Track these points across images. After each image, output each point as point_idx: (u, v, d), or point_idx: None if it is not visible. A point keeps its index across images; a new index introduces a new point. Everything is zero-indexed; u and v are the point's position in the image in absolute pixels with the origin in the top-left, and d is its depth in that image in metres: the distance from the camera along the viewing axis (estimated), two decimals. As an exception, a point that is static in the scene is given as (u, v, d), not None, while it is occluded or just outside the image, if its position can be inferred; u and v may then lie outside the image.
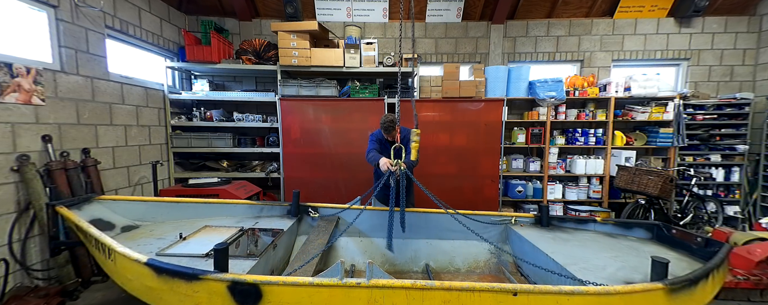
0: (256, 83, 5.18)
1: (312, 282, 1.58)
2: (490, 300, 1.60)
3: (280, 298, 1.60)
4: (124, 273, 1.85)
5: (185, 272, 1.63)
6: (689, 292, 1.75)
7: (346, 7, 5.02)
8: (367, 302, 1.61)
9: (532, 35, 5.19)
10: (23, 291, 2.51)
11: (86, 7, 3.17)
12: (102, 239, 1.92)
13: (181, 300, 1.67)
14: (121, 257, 1.80)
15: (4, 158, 2.53)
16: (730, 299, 2.79)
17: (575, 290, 1.61)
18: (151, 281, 1.70)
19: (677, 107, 4.63)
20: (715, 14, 5.05)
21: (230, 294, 1.60)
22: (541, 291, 1.60)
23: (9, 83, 2.55)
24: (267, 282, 1.59)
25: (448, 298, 1.60)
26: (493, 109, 4.44)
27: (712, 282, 1.89)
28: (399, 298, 1.60)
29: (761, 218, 4.34)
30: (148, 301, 1.81)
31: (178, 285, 1.64)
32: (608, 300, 1.62)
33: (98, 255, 2.04)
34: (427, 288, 1.58)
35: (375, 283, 1.60)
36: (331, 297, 1.60)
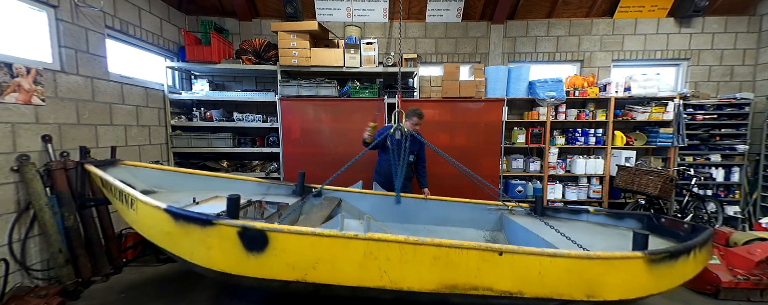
0: (256, 83, 5.18)
1: (314, 232, 1.71)
2: (477, 258, 1.73)
3: (284, 245, 1.73)
4: (145, 221, 2.02)
5: (200, 218, 1.76)
6: (669, 265, 1.84)
7: (346, 7, 5.02)
8: (364, 254, 1.73)
9: (532, 35, 5.19)
10: (23, 291, 2.50)
11: (86, 7, 3.17)
12: (125, 190, 2.07)
13: (195, 244, 1.81)
14: (143, 205, 1.96)
15: (4, 158, 2.53)
16: (730, 299, 2.79)
17: (557, 253, 1.73)
18: (169, 226, 1.85)
19: (677, 107, 4.63)
20: (715, 14, 5.05)
21: (240, 239, 1.73)
22: (525, 252, 1.73)
23: (9, 82, 2.55)
24: (273, 229, 1.72)
25: (437, 254, 1.73)
26: (493, 109, 4.44)
27: (694, 260, 1.96)
28: (393, 251, 1.73)
29: (761, 218, 4.34)
30: (165, 246, 1.97)
31: (193, 230, 1.78)
32: (589, 264, 1.74)
33: (121, 206, 2.22)
34: (419, 243, 1.72)
35: (371, 236, 1.72)
36: (331, 246, 1.73)
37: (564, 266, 1.73)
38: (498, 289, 1.76)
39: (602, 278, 1.75)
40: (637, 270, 1.77)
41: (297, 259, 1.74)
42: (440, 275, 1.75)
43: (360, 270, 1.75)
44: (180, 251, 1.90)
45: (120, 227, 3.48)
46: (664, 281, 1.86)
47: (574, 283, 1.75)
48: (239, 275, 1.79)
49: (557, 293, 1.76)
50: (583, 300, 1.78)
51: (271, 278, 1.78)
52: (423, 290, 1.77)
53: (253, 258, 1.74)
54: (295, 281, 1.77)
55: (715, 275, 2.81)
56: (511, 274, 1.74)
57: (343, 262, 1.75)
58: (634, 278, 1.79)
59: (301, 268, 1.75)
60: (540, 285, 1.75)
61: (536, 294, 1.77)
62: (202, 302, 2.73)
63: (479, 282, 1.75)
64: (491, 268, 1.74)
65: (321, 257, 1.74)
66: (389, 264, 1.73)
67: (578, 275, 1.74)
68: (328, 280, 1.77)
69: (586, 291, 1.76)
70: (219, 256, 1.79)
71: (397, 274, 1.75)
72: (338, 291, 1.85)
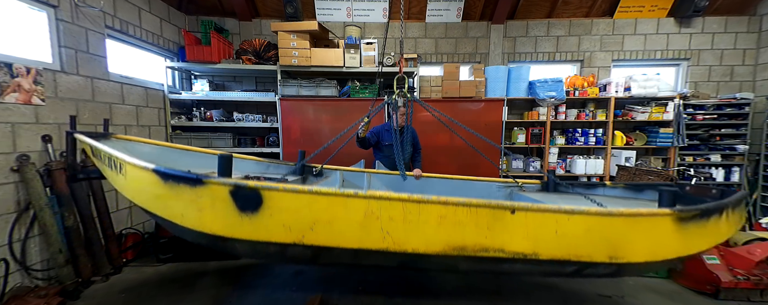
0: (256, 83, 5.18)
1: (311, 190, 1.59)
2: (487, 217, 1.59)
3: (280, 205, 1.61)
4: (134, 185, 1.91)
5: (190, 177, 1.65)
6: (700, 225, 1.68)
7: (346, 7, 5.02)
8: (365, 214, 1.60)
9: (532, 35, 5.19)
10: (23, 291, 2.51)
11: (86, 7, 3.17)
12: (114, 154, 1.95)
13: (185, 206, 1.71)
14: (131, 167, 1.85)
15: (4, 158, 2.53)
16: (730, 299, 2.79)
17: (576, 210, 1.57)
18: (158, 188, 1.74)
19: (677, 107, 4.63)
20: (715, 14, 5.05)
21: (232, 198, 1.61)
22: (539, 209, 1.58)
23: (9, 82, 2.55)
24: (268, 188, 1.60)
25: (444, 213, 1.59)
26: (493, 109, 4.44)
27: (727, 221, 1.81)
28: (396, 211, 1.60)
29: (761, 218, 4.34)
30: (156, 211, 1.87)
31: (183, 191, 1.67)
32: (611, 221, 1.58)
33: (110, 173, 2.10)
34: (424, 201, 1.58)
35: (372, 194, 1.60)
36: (330, 206, 1.61)
37: (583, 224, 1.57)
38: (510, 250, 1.62)
39: (626, 238, 1.60)
40: (665, 229, 1.62)
41: (293, 220, 1.63)
42: (447, 235, 1.61)
43: (361, 231, 1.63)
44: (170, 214, 1.79)
45: (120, 227, 3.48)
46: (694, 242, 1.71)
47: (595, 243, 1.60)
48: (233, 238, 1.69)
49: (576, 254, 1.62)
50: (604, 262, 1.63)
51: (267, 240, 1.67)
52: (429, 252, 1.64)
53: (246, 219, 1.63)
54: (293, 244, 1.66)
55: (715, 275, 2.81)
56: (525, 234, 1.60)
57: (342, 223, 1.63)
58: (661, 238, 1.64)
59: (298, 230, 1.63)
60: (557, 246, 1.60)
61: (552, 256, 1.62)
62: (202, 302, 2.73)
63: (490, 242, 1.61)
64: (503, 228, 1.60)
65: (319, 217, 1.62)
66: (392, 224, 1.61)
67: (599, 234, 1.59)
68: (327, 242, 1.66)
69: (607, 252, 1.61)
70: (211, 218, 1.68)
71: (401, 235, 1.62)
72: (339, 257, 1.74)
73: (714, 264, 2.91)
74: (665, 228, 1.62)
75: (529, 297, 2.83)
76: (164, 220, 1.86)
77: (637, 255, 1.64)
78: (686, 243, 1.68)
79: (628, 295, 2.89)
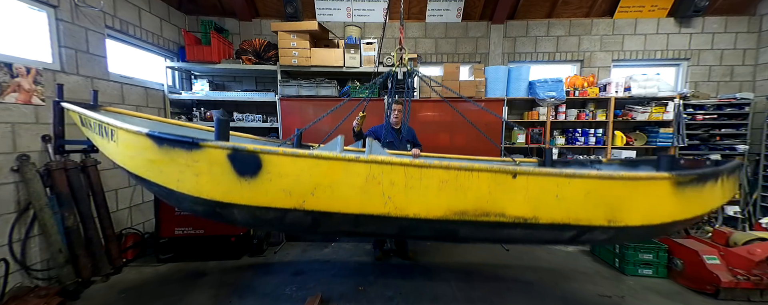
0: (256, 83, 5.18)
1: (311, 154, 1.57)
2: (489, 181, 1.59)
3: (279, 169, 1.58)
4: (126, 151, 1.85)
5: (186, 140, 1.61)
6: (696, 190, 1.71)
7: (346, 7, 5.01)
8: (366, 178, 1.58)
9: (532, 35, 5.19)
10: (23, 291, 2.51)
11: (86, 7, 3.17)
12: (104, 120, 1.90)
13: (181, 171, 1.66)
14: (124, 133, 1.79)
15: (4, 158, 2.53)
16: (730, 299, 2.80)
17: (577, 173, 1.58)
18: (152, 153, 1.69)
19: (677, 107, 4.62)
20: (715, 14, 5.04)
21: (230, 162, 1.58)
22: (541, 173, 1.59)
23: (9, 82, 2.55)
24: (267, 151, 1.57)
25: (445, 177, 1.58)
26: (493, 109, 4.42)
27: (721, 188, 1.85)
28: (397, 175, 1.58)
29: (761, 218, 4.34)
30: (150, 177, 1.81)
31: (179, 155, 1.63)
32: (611, 185, 1.60)
33: (101, 141, 2.04)
34: (425, 166, 1.58)
35: (373, 158, 1.58)
36: (330, 170, 1.58)
37: (583, 188, 1.59)
38: (511, 215, 1.62)
39: (624, 201, 1.63)
40: (663, 192, 1.65)
41: (293, 184, 1.59)
42: (448, 200, 1.60)
43: (362, 196, 1.60)
44: (166, 180, 1.73)
45: (120, 227, 3.48)
46: (690, 206, 1.73)
47: (594, 207, 1.62)
48: (231, 204, 1.65)
49: (575, 218, 1.63)
50: (603, 225, 1.65)
51: (266, 206, 1.63)
52: (430, 217, 1.63)
53: (245, 183, 1.59)
54: (293, 209, 1.63)
55: (715, 275, 2.81)
56: (526, 198, 1.60)
57: (343, 187, 1.59)
58: (659, 202, 1.66)
59: (298, 194, 1.60)
60: (557, 210, 1.62)
61: (553, 220, 1.63)
62: (201, 302, 2.73)
63: (491, 207, 1.61)
64: (504, 192, 1.60)
65: (319, 182, 1.58)
66: (394, 189, 1.59)
67: (599, 198, 1.61)
68: (327, 207, 1.63)
69: (606, 215, 1.63)
70: (208, 183, 1.64)
71: (403, 200, 1.60)
72: (339, 224, 1.72)
73: (714, 264, 2.92)
74: (663, 192, 1.65)
75: (529, 297, 2.83)
76: (159, 187, 1.80)
77: (635, 219, 1.67)
78: (683, 207, 1.71)
79: (628, 295, 2.89)
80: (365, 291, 2.92)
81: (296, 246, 4.08)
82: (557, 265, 3.53)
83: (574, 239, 1.78)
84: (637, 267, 3.25)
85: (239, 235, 3.58)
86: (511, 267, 3.47)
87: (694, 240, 3.34)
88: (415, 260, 3.63)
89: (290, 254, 3.83)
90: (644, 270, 3.25)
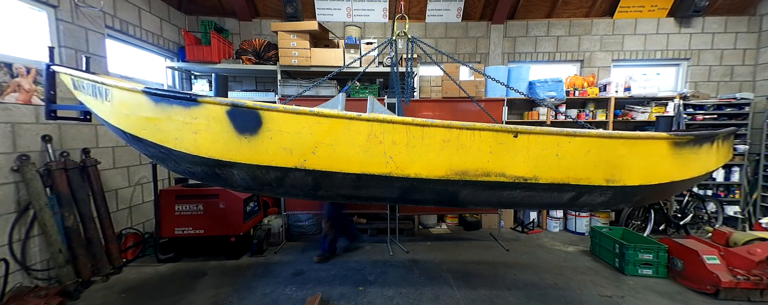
0: (256, 83, 5.18)
1: (312, 111, 1.55)
2: (491, 140, 1.60)
3: (280, 126, 1.56)
4: (121, 110, 1.80)
5: (184, 96, 1.57)
6: (693, 151, 1.75)
7: (346, 7, 5.02)
8: (367, 137, 1.57)
9: (532, 35, 5.19)
10: (23, 291, 2.51)
11: (86, 7, 3.17)
12: (96, 79, 1.85)
13: (179, 129, 1.63)
14: (119, 91, 1.75)
15: (4, 158, 2.53)
16: (730, 299, 2.79)
17: (577, 132, 1.61)
18: (149, 111, 1.66)
19: (677, 107, 4.62)
20: (715, 14, 5.05)
21: (229, 119, 1.56)
22: (541, 132, 1.60)
23: (9, 82, 2.55)
24: (267, 108, 1.54)
25: (447, 136, 1.59)
26: (493, 109, 4.43)
27: (717, 151, 1.90)
28: (399, 134, 1.58)
29: (761, 218, 4.34)
30: (147, 136, 1.76)
31: (177, 113, 1.60)
32: (610, 144, 1.64)
33: (93, 102, 1.98)
34: (428, 125, 1.57)
35: (375, 117, 1.56)
36: (331, 128, 1.57)
37: (584, 146, 1.61)
38: (511, 174, 1.63)
39: (623, 160, 1.66)
40: (661, 152, 1.68)
41: (294, 142, 1.57)
42: (450, 159, 1.61)
43: (364, 155, 1.59)
44: (163, 138, 1.69)
45: (120, 227, 3.48)
46: (687, 168, 1.77)
47: (593, 166, 1.64)
48: (231, 162, 1.63)
49: (575, 177, 1.66)
50: (601, 185, 1.68)
51: (267, 164, 1.61)
52: (431, 176, 1.63)
53: (245, 141, 1.57)
54: (294, 168, 1.61)
55: (715, 275, 2.81)
56: (527, 157, 1.61)
57: (345, 146, 1.58)
58: (657, 161, 1.70)
59: (299, 153, 1.58)
60: (557, 169, 1.63)
61: (552, 179, 1.65)
62: (201, 302, 2.73)
63: (492, 166, 1.62)
64: (505, 151, 1.61)
65: (321, 140, 1.57)
66: (395, 148, 1.58)
67: (598, 156, 1.64)
68: (329, 167, 1.61)
69: (605, 174, 1.66)
70: (207, 140, 1.60)
71: (404, 159, 1.60)
72: (340, 186, 1.71)
73: (714, 264, 2.92)
74: (661, 151, 1.69)
75: (529, 297, 2.83)
76: (156, 146, 1.76)
77: (633, 178, 1.70)
78: (679, 167, 1.75)
79: (628, 295, 2.89)
80: (365, 291, 2.92)
81: (296, 246, 4.08)
82: (557, 265, 3.53)
83: (573, 201, 1.80)
84: (637, 267, 3.25)
85: (239, 235, 3.58)
86: (511, 267, 3.46)
87: (694, 240, 3.34)
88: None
89: (290, 254, 3.83)
90: (644, 270, 3.25)
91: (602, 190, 1.71)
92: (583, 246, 4.09)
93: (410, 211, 4.51)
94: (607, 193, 1.74)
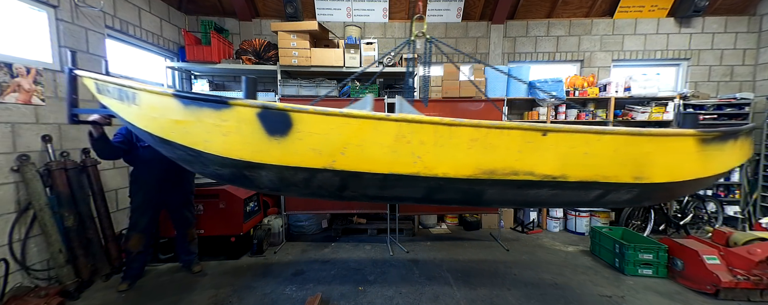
0: (256, 83, 5.17)
1: (342, 112, 1.57)
2: (519, 139, 1.60)
3: (309, 128, 1.58)
4: (149, 113, 1.83)
5: (215, 99, 1.60)
6: (718, 147, 1.76)
7: (346, 7, 5.02)
8: (395, 137, 1.59)
9: (532, 35, 5.19)
10: (23, 291, 2.51)
11: (86, 7, 3.17)
12: (124, 82, 1.88)
13: (209, 131, 1.65)
14: (147, 94, 1.78)
15: (4, 158, 2.53)
16: (730, 299, 2.79)
17: (606, 130, 1.62)
18: (178, 114, 1.68)
19: (677, 107, 4.63)
20: (715, 14, 5.05)
21: (260, 121, 1.58)
22: (570, 130, 1.61)
23: (9, 82, 2.55)
24: (297, 109, 1.56)
25: (475, 136, 1.59)
26: (493, 109, 4.43)
27: (740, 147, 1.92)
28: (427, 134, 1.59)
29: (761, 218, 4.34)
30: (176, 139, 1.78)
31: (207, 115, 1.62)
32: (638, 141, 1.65)
33: (119, 105, 2.01)
34: (455, 124, 1.58)
35: (403, 117, 1.58)
36: (360, 129, 1.58)
37: (612, 144, 1.63)
38: (540, 173, 1.64)
39: (651, 158, 1.67)
40: (688, 149, 1.70)
41: (323, 143, 1.59)
42: (477, 159, 1.62)
43: (392, 155, 1.61)
44: (192, 141, 1.72)
45: (120, 227, 3.48)
46: (712, 164, 1.79)
47: (621, 164, 1.66)
48: (260, 163, 1.65)
49: (603, 175, 1.67)
50: (628, 182, 1.69)
51: (296, 166, 1.63)
52: (458, 176, 1.64)
53: (275, 142, 1.59)
54: (322, 169, 1.63)
55: (715, 275, 2.81)
56: (555, 156, 1.62)
57: (373, 146, 1.60)
58: (684, 158, 1.72)
59: (328, 153, 1.60)
60: (585, 167, 1.65)
61: (581, 177, 1.66)
62: (201, 302, 2.73)
63: (520, 165, 1.63)
64: (533, 150, 1.61)
65: (349, 141, 1.59)
66: (423, 147, 1.60)
67: (626, 154, 1.65)
68: (357, 167, 1.63)
69: (633, 172, 1.67)
70: (237, 142, 1.63)
71: (432, 159, 1.61)
72: (367, 186, 1.73)
73: (714, 264, 2.92)
74: (688, 148, 1.71)
75: (529, 297, 2.83)
76: (185, 149, 1.77)
77: (660, 175, 1.71)
78: (705, 164, 1.76)
79: (628, 295, 2.89)
80: (365, 291, 2.92)
81: (296, 246, 4.08)
82: (557, 265, 3.53)
83: (599, 199, 1.80)
84: (637, 267, 3.25)
85: (239, 235, 3.58)
86: (511, 267, 3.46)
87: (694, 239, 3.34)
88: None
89: (290, 254, 3.83)
90: (644, 269, 3.25)
91: (629, 187, 1.72)
92: (583, 246, 4.09)
93: (410, 211, 4.51)
94: (634, 190, 1.75)
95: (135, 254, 2.94)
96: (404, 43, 2.73)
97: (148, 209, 2.93)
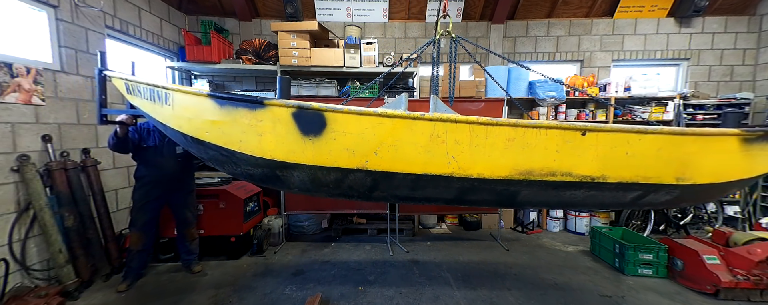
0: (256, 83, 5.18)
1: (376, 112, 1.56)
2: (557, 139, 1.57)
3: (344, 128, 1.57)
4: (183, 114, 1.83)
5: (250, 99, 1.62)
6: (762, 147, 1.71)
7: (346, 7, 5.02)
8: (430, 137, 1.56)
9: (532, 35, 5.19)
10: (23, 291, 2.50)
11: (86, 7, 3.17)
12: (157, 83, 1.90)
13: (244, 131, 1.66)
14: (181, 95, 1.79)
15: (4, 158, 2.53)
16: (730, 299, 2.79)
17: (648, 129, 1.57)
18: (214, 114, 1.69)
19: (677, 107, 4.63)
20: (715, 14, 5.05)
21: (295, 121, 1.58)
22: (611, 129, 1.57)
23: (9, 82, 2.55)
24: (332, 109, 1.56)
25: (512, 135, 1.56)
26: (493, 109, 4.44)
27: None
28: (462, 134, 1.56)
29: (761, 218, 4.34)
30: (210, 139, 1.79)
31: (242, 116, 1.63)
32: (681, 141, 1.60)
33: (151, 106, 2.02)
34: (492, 123, 1.54)
35: (438, 116, 1.55)
36: (394, 129, 1.57)
37: (654, 144, 1.57)
38: (578, 173, 1.60)
39: (694, 158, 1.62)
40: (732, 149, 1.65)
41: (357, 143, 1.58)
42: (514, 159, 1.58)
43: (426, 155, 1.58)
44: (227, 141, 1.72)
45: (120, 227, 3.48)
46: (756, 165, 1.75)
47: (664, 164, 1.61)
48: (294, 163, 1.64)
49: (644, 176, 1.62)
50: (670, 183, 1.64)
51: (329, 166, 1.62)
52: (494, 176, 1.60)
53: (309, 142, 1.59)
54: (355, 169, 1.62)
55: (715, 275, 2.81)
56: (595, 156, 1.57)
57: (407, 146, 1.57)
58: (728, 159, 1.67)
59: (361, 153, 1.59)
60: (626, 167, 1.60)
61: (621, 178, 1.61)
62: (201, 302, 2.73)
63: (558, 166, 1.59)
64: (572, 150, 1.57)
65: (383, 140, 1.57)
66: (458, 147, 1.56)
67: (668, 154, 1.59)
68: (390, 167, 1.61)
69: (675, 173, 1.63)
70: (272, 142, 1.63)
71: (467, 159, 1.58)
72: (398, 187, 1.71)
73: (714, 264, 2.92)
74: (732, 149, 1.66)
75: (529, 297, 2.83)
76: (218, 149, 1.78)
77: (703, 176, 1.67)
78: (748, 164, 1.72)
79: (628, 295, 2.89)
80: (365, 291, 2.92)
81: (296, 246, 4.08)
82: (557, 265, 3.53)
83: (636, 200, 1.76)
84: (637, 267, 3.25)
85: (239, 235, 3.58)
86: (511, 267, 3.46)
87: (694, 239, 3.34)
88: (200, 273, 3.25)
89: (290, 254, 3.83)
90: (644, 269, 3.25)
91: (670, 189, 1.69)
92: (583, 246, 4.09)
93: (410, 211, 4.51)
94: (674, 192, 1.71)
95: (135, 252, 2.93)
96: (429, 42, 2.70)
97: (150, 207, 2.93)
